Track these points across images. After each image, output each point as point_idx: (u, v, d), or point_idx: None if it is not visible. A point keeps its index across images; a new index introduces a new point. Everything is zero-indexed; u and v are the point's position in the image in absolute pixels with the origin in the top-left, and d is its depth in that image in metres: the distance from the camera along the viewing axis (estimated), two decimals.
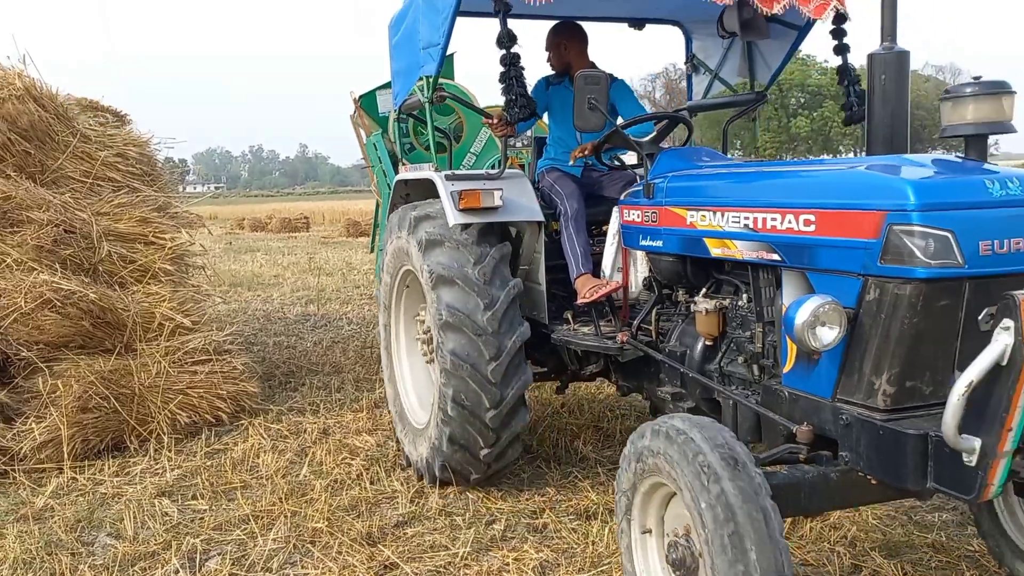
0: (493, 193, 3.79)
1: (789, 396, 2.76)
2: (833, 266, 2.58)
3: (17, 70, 5.37)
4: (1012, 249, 2.37)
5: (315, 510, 3.94)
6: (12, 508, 4.12)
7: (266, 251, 19.24)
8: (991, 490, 2.22)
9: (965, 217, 2.34)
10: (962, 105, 2.55)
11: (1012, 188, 2.41)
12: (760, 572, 2.14)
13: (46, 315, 4.81)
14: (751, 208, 2.88)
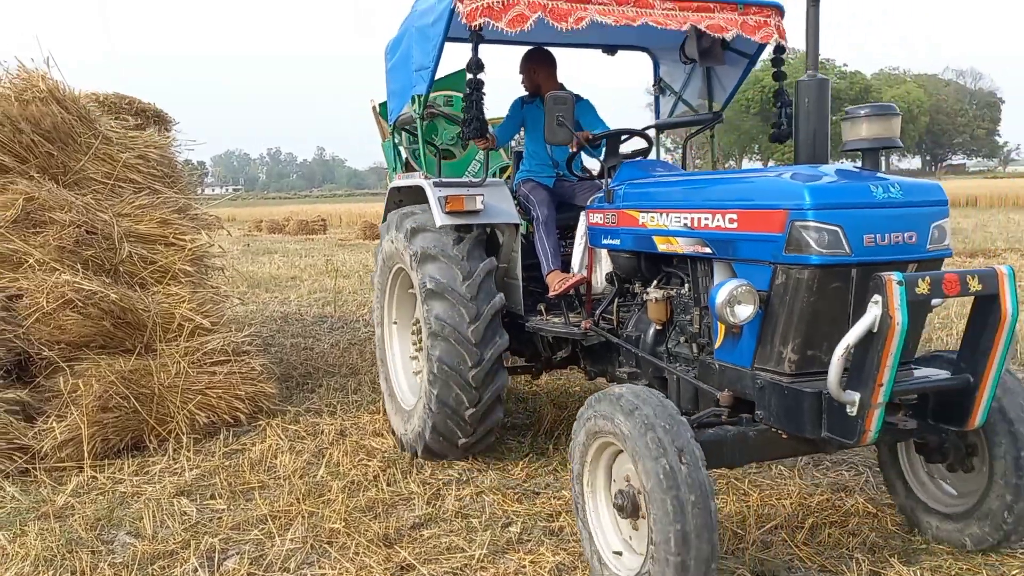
0: (475, 198, 4.30)
1: (719, 368, 3.32)
2: (750, 256, 3.12)
3: (40, 72, 5.43)
4: (891, 241, 2.92)
5: (332, 511, 3.95)
6: (34, 506, 4.16)
7: (283, 253, 19.34)
8: (868, 436, 2.79)
9: (852, 215, 2.88)
10: (858, 125, 3.15)
11: (893, 192, 2.97)
12: (688, 488, 2.68)
13: (68, 315, 4.85)
14: (689, 210, 3.43)
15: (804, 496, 4.02)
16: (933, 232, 3.02)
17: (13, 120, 5.13)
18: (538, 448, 4.84)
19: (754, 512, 3.79)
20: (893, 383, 2.75)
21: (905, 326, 2.68)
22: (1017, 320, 2.91)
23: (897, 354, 2.71)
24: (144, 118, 6.90)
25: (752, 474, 4.33)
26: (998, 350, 2.91)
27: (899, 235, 2.94)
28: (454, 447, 4.46)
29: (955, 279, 2.82)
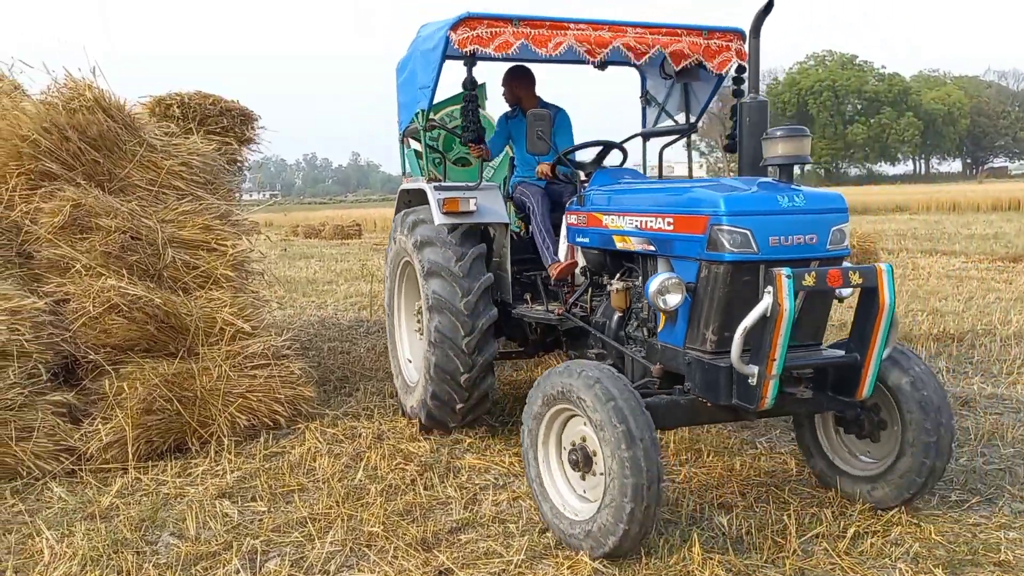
0: (469, 200, 4.87)
1: (660, 347, 3.94)
2: (682, 253, 3.74)
3: (87, 82, 5.54)
4: (794, 242, 3.49)
5: (371, 514, 3.99)
6: (80, 506, 4.24)
7: (320, 257, 19.51)
8: (765, 402, 3.37)
9: (760, 220, 3.45)
10: (775, 144, 3.64)
11: (797, 201, 3.51)
12: (641, 448, 3.19)
13: (113, 319, 4.95)
14: (639, 213, 4.04)
15: (845, 505, 3.97)
16: (833, 235, 3.58)
17: (61, 128, 5.24)
18: None
19: (795, 521, 3.75)
20: (785, 359, 3.32)
21: (792, 312, 3.25)
22: (895, 309, 3.45)
23: (787, 334, 3.27)
24: (229, 117, 6.92)
25: (792, 482, 4.29)
26: (879, 333, 3.47)
27: (801, 237, 3.50)
28: (452, 412, 4.95)
29: (838, 273, 3.36)
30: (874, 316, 3.46)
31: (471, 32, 4.60)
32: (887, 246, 17.43)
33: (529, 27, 4.65)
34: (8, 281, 4.89)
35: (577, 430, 3.59)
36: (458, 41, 4.60)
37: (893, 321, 3.51)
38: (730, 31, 4.97)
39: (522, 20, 4.67)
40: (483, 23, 4.63)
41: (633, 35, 4.74)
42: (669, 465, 4.61)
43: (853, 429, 3.95)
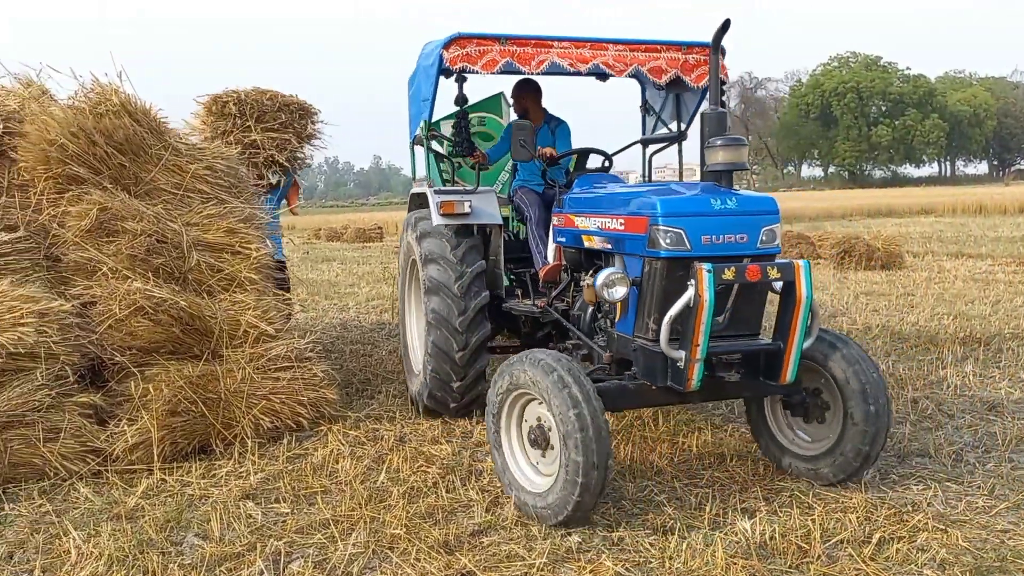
0: (463, 203, 5.26)
1: (616, 337, 4.32)
2: (631, 251, 4.15)
3: (114, 87, 5.60)
4: (724, 241, 3.85)
5: (393, 516, 4.00)
6: (106, 507, 4.29)
7: (342, 260, 19.61)
8: (692, 384, 3.78)
9: (693, 221, 3.84)
10: (716, 152, 4.01)
11: (728, 204, 3.88)
12: (592, 430, 3.55)
13: (139, 321, 5.00)
14: (600, 215, 4.44)
15: (870, 510, 3.94)
16: (764, 234, 3.93)
17: (88, 132, 5.29)
18: None
19: (819, 526, 3.72)
20: (708, 345, 3.72)
21: (712, 302, 3.66)
22: (812, 301, 3.84)
23: (708, 323, 3.67)
24: (287, 112, 6.92)
25: (816, 487, 4.26)
26: (798, 323, 3.85)
27: (732, 236, 3.87)
28: (451, 391, 5.32)
29: (756, 269, 3.76)
30: (793, 308, 3.85)
31: (461, 51, 5.00)
32: (912, 249, 17.26)
33: (515, 45, 5.01)
34: (36, 284, 4.95)
35: (535, 412, 3.97)
36: (449, 60, 5.00)
37: (813, 312, 3.95)
38: (708, 45, 4.98)
39: (509, 39, 5.01)
40: (472, 42, 5.00)
41: (613, 52, 5.10)
42: (692, 469, 4.59)
43: (798, 412, 4.34)
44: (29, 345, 4.61)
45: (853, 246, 14.45)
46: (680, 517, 3.92)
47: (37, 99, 5.77)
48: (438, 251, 5.26)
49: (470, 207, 5.28)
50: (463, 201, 5.27)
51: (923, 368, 6.80)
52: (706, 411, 5.71)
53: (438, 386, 5.35)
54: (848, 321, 9.01)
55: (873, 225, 26.20)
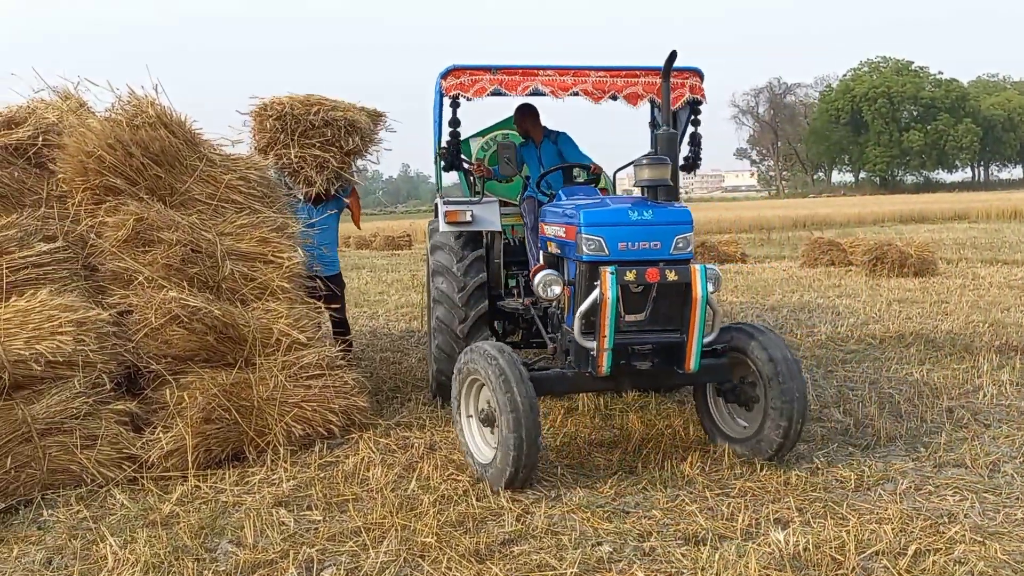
0: (465, 212, 5.88)
1: (564, 331, 4.91)
2: (569, 255, 4.79)
3: (150, 99, 5.69)
4: (639, 247, 4.46)
5: (424, 524, 4.01)
6: (142, 513, 4.35)
7: (371, 268, 19.72)
8: (603, 369, 4.43)
9: (611, 230, 4.46)
10: (642, 170, 4.66)
11: (645, 215, 4.48)
12: (523, 410, 4.20)
13: (174, 330, 5.07)
14: (555, 224, 5.07)
15: (906, 521, 3.89)
16: (676, 242, 4.50)
17: (124, 144, 5.39)
18: (626, 466, 4.82)
19: (854, 537, 3.68)
20: (614, 336, 4.37)
21: (613, 300, 4.30)
22: (707, 300, 4.38)
23: (612, 317, 4.32)
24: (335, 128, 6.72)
25: (851, 497, 4.22)
26: (696, 319, 4.39)
27: (646, 243, 4.47)
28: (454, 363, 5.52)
29: (655, 271, 4.34)
30: (690, 306, 4.39)
31: (456, 80, 5.59)
32: (946, 256, 17.03)
33: (504, 75, 5.55)
34: (74, 293, 5.03)
35: (485, 395, 4.60)
36: (445, 88, 5.61)
37: (713, 309, 4.53)
38: (686, 70, 5.69)
39: (499, 69, 5.56)
40: (466, 73, 5.58)
41: (593, 79, 5.60)
42: (723, 479, 4.56)
43: (731, 399, 4.89)
44: (67, 353, 4.69)
45: (885, 253, 14.29)
46: (712, 527, 3.90)
47: (75, 112, 5.89)
48: (443, 240, 5.98)
49: (472, 216, 5.89)
50: (465, 210, 5.88)
51: (958, 377, 6.71)
52: None
53: (444, 380, 5.79)
54: (881, 328, 8.92)
55: (905, 231, 25.89)
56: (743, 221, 33.10)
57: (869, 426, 5.42)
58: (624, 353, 4.48)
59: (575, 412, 5.99)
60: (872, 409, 5.78)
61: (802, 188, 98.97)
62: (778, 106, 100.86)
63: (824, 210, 39.44)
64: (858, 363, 7.38)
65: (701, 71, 5.80)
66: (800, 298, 11.79)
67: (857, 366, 7.26)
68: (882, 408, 5.83)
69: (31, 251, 5.07)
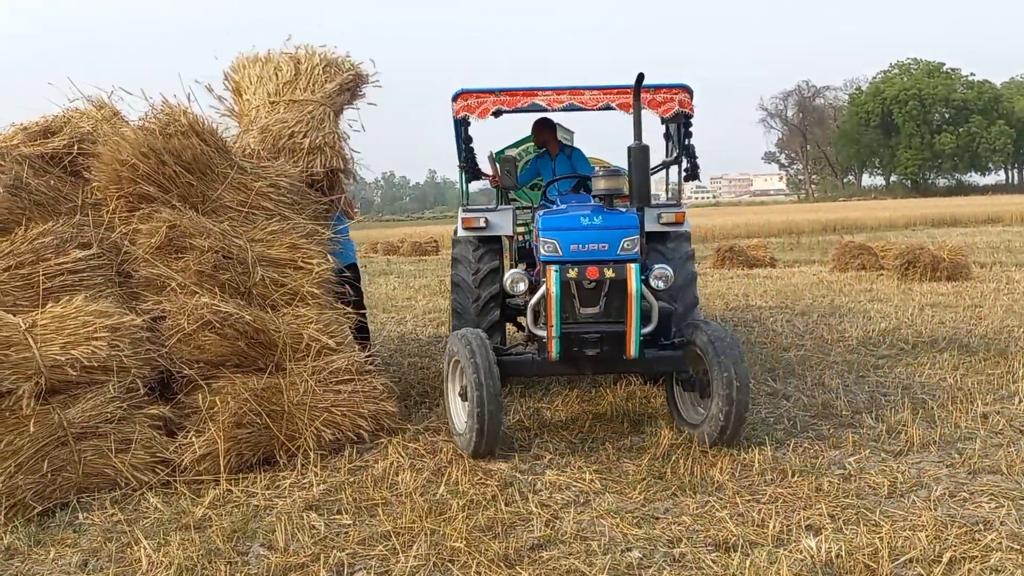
0: (479, 219, 6.52)
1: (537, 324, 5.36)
2: (541, 258, 5.31)
3: (182, 107, 5.77)
4: (588, 249, 5.09)
5: (453, 529, 4.03)
6: (175, 516, 4.40)
7: (399, 274, 19.81)
8: (552, 355, 5.08)
9: (564, 233, 5.14)
10: (599, 181, 5.37)
11: (595, 221, 5.12)
12: (487, 388, 4.84)
13: (206, 335, 5.13)
14: (533, 228, 5.61)
15: (940, 528, 3.84)
16: (623, 244, 5.11)
17: (157, 153, 5.46)
18: (655, 471, 4.80)
19: (887, 544, 3.64)
20: (561, 325, 5.04)
21: (558, 294, 4.99)
22: (640, 294, 4.99)
23: (557, 308, 5.01)
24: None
25: (883, 504, 4.17)
26: (632, 311, 4.99)
27: (595, 245, 5.09)
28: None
29: (595, 269, 4.98)
30: (626, 299, 4.99)
31: (464, 103, 6.37)
32: (979, 259, 16.80)
33: (506, 96, 6.30)
34: (108, 299, 5.11)
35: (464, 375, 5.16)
36: (455, 110, 6.40)
37: (649, 302, 5.13)
38: (675, 86, 6.36)
39: (502, 91, 6.32)
40: (473, 96, 6.34)
41: (588, 96, 6.25)
42: (753, 485, 4.53)
43: (688, 388, 5.36)
44: (102, 359, 4.76)
45: (917, 257, 14.11)
46: (743, 533, 3.87)
47: (109, 120, 5.99)
48: (461, 254, 6.67)
49: (485, 222, 6.52)
50: (479, 217, 6.56)
51: (993, 382, 6.62)
52: (767, 426, 5.64)
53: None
54: (914, 333, 8.81)
55: (938, 235, 25.55)
56: (772, 225, 32.85)
57: (902, 432, 5.36)
58: (577, 341, 5.05)
59: (603, 418, 5.97)
60: (905, 415, 5.71)
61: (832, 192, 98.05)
62: (807, 109, 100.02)
63: (854, 214, 39.04)
64: (890, 368, 7.29)
65: (689, 87, 6.39)
66: (831, 303, 11.68)
67: (889, 371, 7.18)
68: (915, 414, 5.76)
69: (67, 258, 5.15)
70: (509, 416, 6.09)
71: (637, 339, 5.04)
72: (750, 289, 13.88)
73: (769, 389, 6.69)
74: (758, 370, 7.35)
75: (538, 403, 6.46)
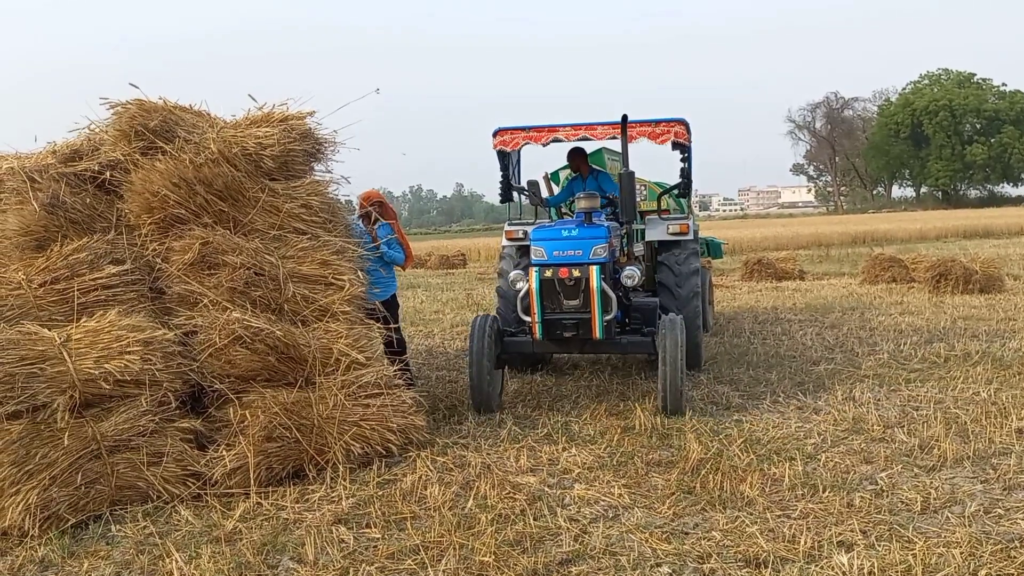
0: (518, 231, 8.10)
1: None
2: (531, 262, 6.57)
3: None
4: (567, 254, 6.37)
5: (482, 543, 4.03)
6: (206, 529, 4.44)
7: (426, 287, 19.87)
8: (536, 336, 6.50)
9: (549, 243, 6.47)
10: (580, 200, 6.85)
11: (572, 233, 6.47)
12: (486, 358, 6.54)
13: (237, 350, 5.18)
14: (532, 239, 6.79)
15: (975, 545, 3.78)
16: (595, 250, 6.40)
17: (189, 183, 5.47)
18: (685, 486, 4.78)
19: (920, 561, 3.60)
20: (542, 313, 6.41)
21: (538, 289, 6.36)
22: (601, 289, 6.27)
23: (538, 298, 6.38)
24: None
25: (916, 521, 4.12)
26: (595, 302, 6.29)
27: (572, 251, 6.41)
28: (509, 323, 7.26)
29: (566, 270, 6.31)
30: (589, 293, 6.29)
31: (501, 139, 7.91)
32: (1013, 271, 16.55)
33: (534, 132, 7.81)
34: (142, 314, 5.18)
35: None
36: (494, 144, 7.96)
37: (607, 296, 6.34)
38: (672, 120, 7.63)
39: (531, 128, 7.83)
40: (508, 132, 7.87)
41: (599, 130, 7.68)
42: (784, 500, 4.49)
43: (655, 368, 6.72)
44: (135, 372, 4.82)
45: (949, 269, 13.93)
46: (773, 549, 3.84)
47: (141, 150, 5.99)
48: (505, 264, 8.21)
49: (523, 234, 7.94)
50: (518, 229, 8.12)
51: None
52: (798, 441, 5.59)
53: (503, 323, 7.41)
54: (946, 347, 8.69)
55: (970, 247, 25.21)
56: (801, 238, 32.60)
57: (935, 447, 5.29)
58: (557, 325, 6.39)
59: (632, 431, 5.95)
60: (937, 429, 5.64)
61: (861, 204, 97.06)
62: (835, 120, 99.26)
63: (884, 226, 38.63)
64: (922, 382, 7.20)
65: (686, 121, 7.64)
66: (861, 316, 11.56)
67: (921, 385, 7.09)
68: (948, 428, 5.68)
69: (100, 273, 5.23)
70: (536, 430, 6.09)
71: (601, 324, 6.32)
72: (779, 302, 13.77)
73: (799, 403, 6.63)
74: (787, 384, 7.29)
75: (566, 416, 6.45)
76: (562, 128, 7.71)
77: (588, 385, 7.65)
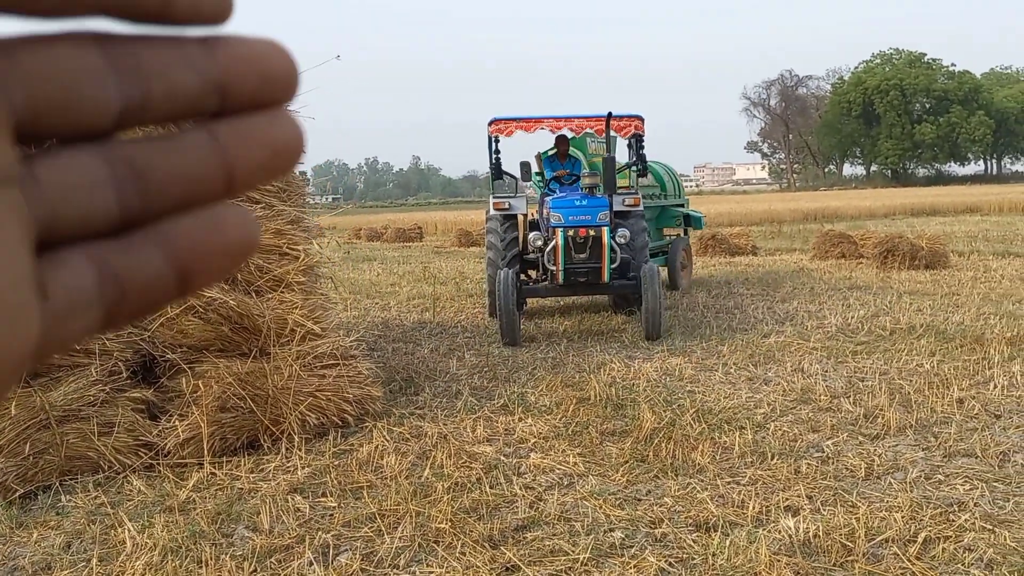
0: (505, 202, 9.50)
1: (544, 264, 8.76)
2: (548, 224, 8.62)
3: None
4: (579, 219, 8.31)
5: (438, 511, 4.06)
6: (159, 499, 4.41)
7: (382, 260, 19.78)
8: (559, 279, 8.42)
9: (565, 209, 8.41)
10: (585, 178, 8.95)
11: (582, 203, 8.45)
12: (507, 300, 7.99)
13: (190, 320, 5.13)
14: (544, 208, 8.92)
15: (915, 509, 3.92)
16: (600, 216, 8.24)
17: None
18: (638, 455, 4.86)
19: (863, 524, 3.71)
20: (565, 263, 8.23)
21: (564, 245, 8.18)
22: (611, 246, 8.24)
23: (563, 254, 8.21)
24: None
25: (860, 487, 4.25)
26: (604, 254, 8.16)
27: (583, 216, 8.25)
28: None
29: (585, 231, 8.22)
30: (601, 248, 8.13)
31: (495, 126, 9.74)
32: (958, 248, 16.98)
33: (525, 123, 9.61)
34: None
35: None
36: (490, 131, 9.86)
37: (614, 251, 8.33)
38: (633, 116, 9.68)
39: (521, 119, 9.68)
40: (502, 122, 9.70)
41: (576, 122, 9.62)
42: (734, 467, 4.60)
43: (637, 304, 8.45)
44: (84, 341, 4.74)
45: (896, 245, 14.24)
46: (723, 514, 3.93)
47: None
48: (493, 226, 9.48)
49: (509, 204, 9.50)
50: (505, 201, 9.52)
51: (969, 368, 6.72)
52: (748, 410, 5.71)
53: (493, 301, 8.97)
54: (892, 320, 8.92)
55: (917, 224, 25.79)
56: (754, 214, 33.02)
57: (879, 416, 5.44)
58: (573, 272, 8.23)
59: (587, 402, 6.03)
60: (882, 399, 5.80)
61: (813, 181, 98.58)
62: (789, 98, 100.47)
63: (835, 203, 39.30)
64: (868, 354, 7.39)
65: (642, 116, 9.68)
66: (811, 290, 11.79)
67: (867, 357, 7.27)
68: (892, 398, 5.85)
69: None
70: (493, 400, 6.13)
71: (609, 271, 8.24)
72: (732, 277, 13.98)
73: (750, 374, 6.77)
74: (739, 356, 7.43)
75: (523, 388, 6.50)
76: (547, 120, 9.67)
77: (544, 357, 7.71)
